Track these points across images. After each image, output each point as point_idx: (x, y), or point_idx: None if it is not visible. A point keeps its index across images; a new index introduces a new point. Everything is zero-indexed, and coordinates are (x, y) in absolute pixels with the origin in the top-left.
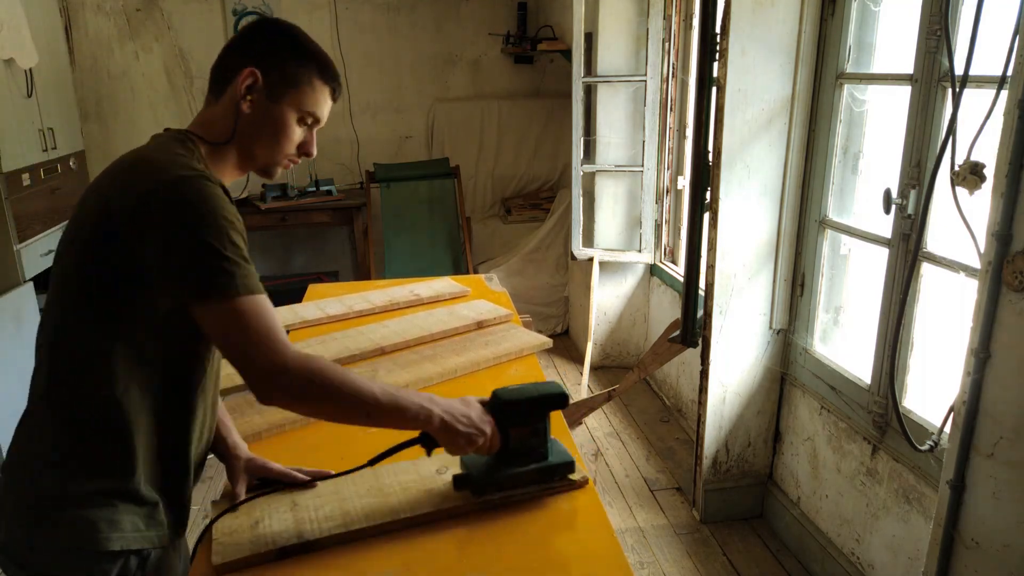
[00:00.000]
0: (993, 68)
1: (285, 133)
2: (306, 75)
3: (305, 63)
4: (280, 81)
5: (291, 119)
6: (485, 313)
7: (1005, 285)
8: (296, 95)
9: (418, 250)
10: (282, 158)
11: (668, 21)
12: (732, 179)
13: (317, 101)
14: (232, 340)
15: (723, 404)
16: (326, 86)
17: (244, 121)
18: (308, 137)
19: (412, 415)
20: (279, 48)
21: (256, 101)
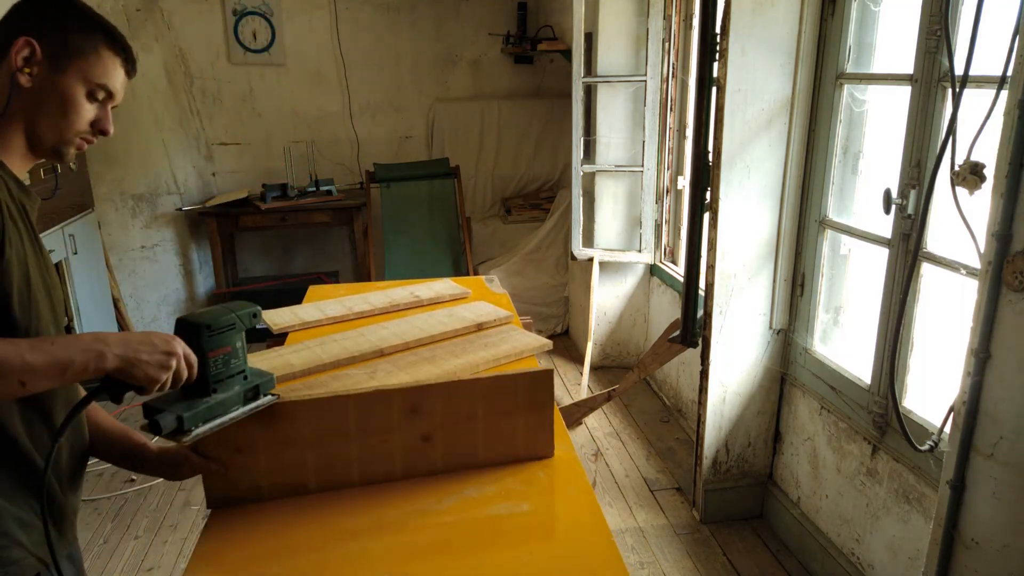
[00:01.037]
0: (993, 68)
1: (72, 106)
2: (91, 44)
3: (90, 31)
4: (62, 51)
5: (78, 91)
6: (485, 315)
7: (1005, 285)
8: (82, 65)
9: (418, 250)
10: (72, 135)
11: (668, 21)
12: (732, 179)
13: (107, 71)
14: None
15: (723, 404)
16: (116, 56)
17: (24, 96)
18: (102, 113)
19: (80, 365)
20: (58, 15)
21: (36, 74)
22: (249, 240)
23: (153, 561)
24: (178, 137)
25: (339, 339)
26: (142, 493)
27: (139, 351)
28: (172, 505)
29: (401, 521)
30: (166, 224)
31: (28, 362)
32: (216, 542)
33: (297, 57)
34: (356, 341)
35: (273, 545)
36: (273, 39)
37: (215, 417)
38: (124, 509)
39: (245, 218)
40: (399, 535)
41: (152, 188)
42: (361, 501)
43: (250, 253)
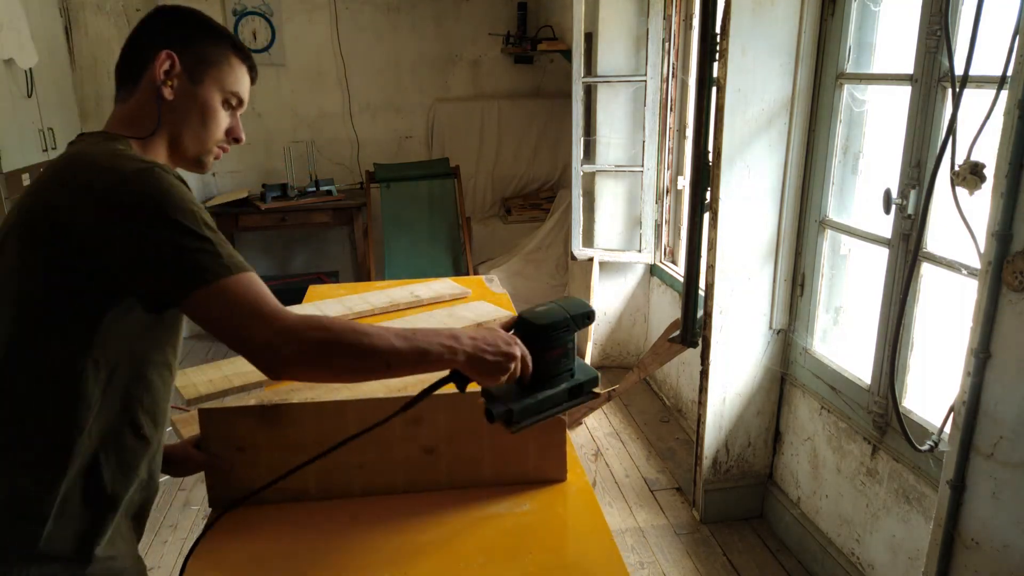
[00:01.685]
0: (993, 68)
1: (212, 116)
2: (222, 53)
3: (219, 41)
4: (198, 61)
5: (216, 100)
6: (485, 314)
7: (1005, 285)
8: (217, 74)
9: (418, 250)
10: (212, 144)
11: (668, 21)
12: (732, 179)
13: (238, 79)
14: (226, 321)
15: (723, 404)
16: (243, 64)
17: (167, 108)
18: (234, 121)
19: (436, 356)
20: (190, 28)
21: (177, 86)
22: (249, 240)
23: (153, 561)
24: None
25: None
26: None
27: (485, 352)
28: (172, 505)
29: (401, 519)
30: None
31: (396, 347)
32: (216, 543)
33: (297, 57)
34: None
35: (273, 546)
36: (273, 39)
37: (542, 411)
38: None
39: (245, 218)
40: (399, 534)
41: None
42: (361, 502)
43: (250, 253)
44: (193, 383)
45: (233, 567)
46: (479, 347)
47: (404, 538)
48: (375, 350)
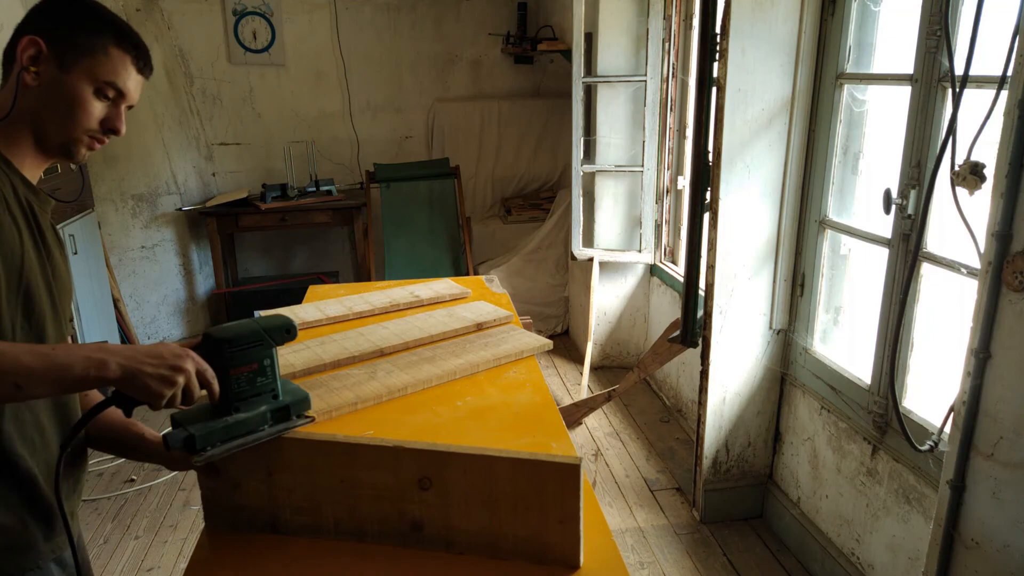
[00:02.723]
0: (993, 68)
1: (79, 105)
2: (100, 43)
3: (98, 30)
4: (70, 50)
5: (85, 90)
6: (485, 315)
7: (1005, 285)
8: (89, 63)
9: (418, 250)
10: (80, 134)
11: (668, 21)
12: (732, 179)
13: (115, 70)
14: None
15: (723, 404)
16: (126, 55)
17: (30, 96)
18: (112, 112)
19: (80, 372)
20: (67, 16)
21: (43, 72)
22: (249, 240)
23: (153, 561)
24: (178, 137)
25: (339, 339)
26: (142, 493)
27: (143, 363)
28: (172, 505)
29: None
30: (166, 224)
31: (25, 364)
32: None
33: (297, 57)
34: (356, 341)
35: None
36: (273, 39)
37: (234, 438)
38: (124, 509)
39: (245, 218)
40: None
41: (152, 188)
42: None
43: (250, 253)
44: None
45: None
46: (137, 359)
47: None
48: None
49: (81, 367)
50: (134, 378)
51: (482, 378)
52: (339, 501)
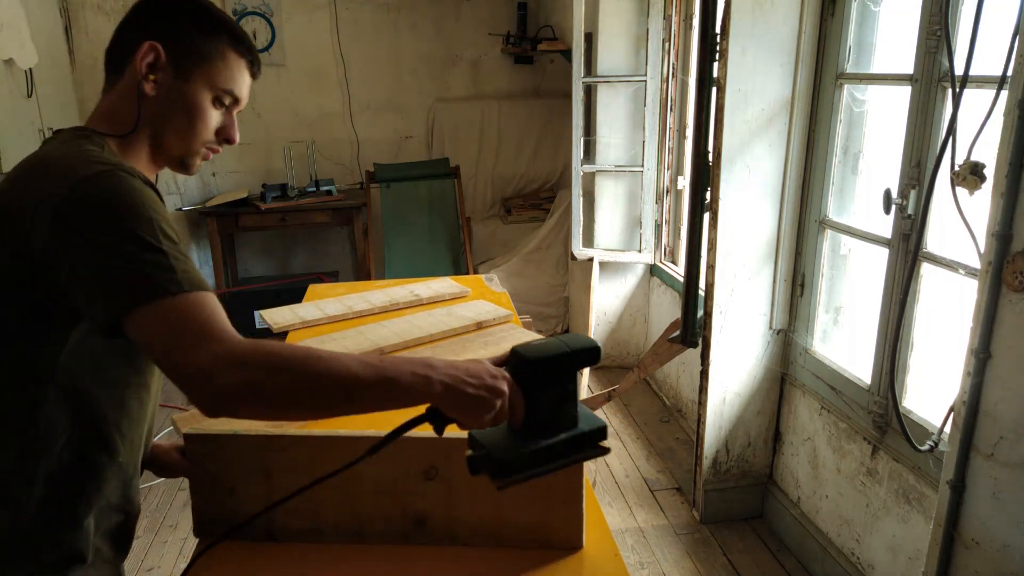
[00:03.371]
0: (993, 68)
1: (200, 115)
2: (217, 47)
3: (215, 34)
4: (187, 55)
5: (205, 99)
6: (485, 314)
7: (1005, 285)
8: (207, 70)
9: (418, 250)
10: (199, 146)
11: (668, 21)
12: (732, 179)
13: (233, 77)
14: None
15: (723, 404)
16: (241, 59)
17: (149, 105)
18: (227, 120)
19: (406, 385)
20: (182, 18)
21: (161, 81)
22: (249, 240)
23: (153, 561)
24: None
25: (339, 338)
26: (142, 493)
27: (466, 384)
28: (172, 505)
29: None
30: None
31: (356, 374)
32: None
33: (297, 57)
34: (356, 340)
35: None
36: (273, 39)
37: (537, 465)
38: None
39: (245, 218)
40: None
41: None
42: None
43: (250, 253)
44: None
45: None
46: (459, 378)
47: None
48: (331, 379)
49: (407, 381)
50: (456, 398)
51: None
52: (340, 500)
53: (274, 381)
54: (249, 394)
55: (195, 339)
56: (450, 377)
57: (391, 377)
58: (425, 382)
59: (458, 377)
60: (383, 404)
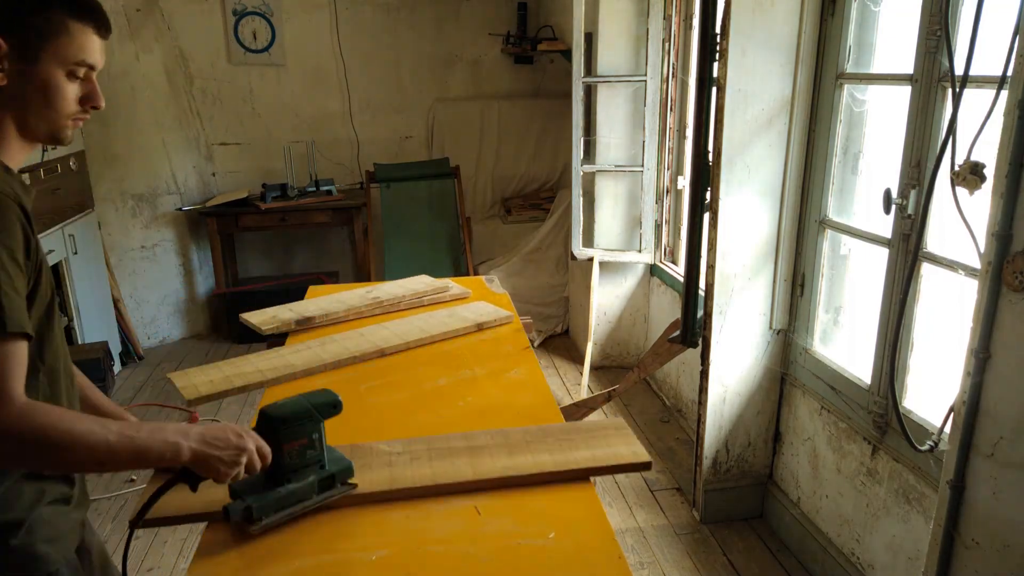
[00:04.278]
0: (993, 68)
1: (55, 92)
2: (57, 22)
3: (47, 9)
4: (27, 39)
5: (57, 75)
6: (485, 315)
7: (1005, 285)
8: (54, 47)
9: (418, 250)
10: (64, 120)
11: (668, 21)
12: (732, 179)
13: (82, 46)
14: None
15: (723, 404)
16: (86, 26)
17: (4, 94)
18: (89, 88)
19: (157, 455)
20: (13, 4)
21: (9, 69)
22: (249, 240)
23: (153, 561)
24: (178, 137)
25: (340, 339)
26: (142, 493)
27: (211, 446)
28: None
29: (401, 518)
30: (166, 224)
31: (111, 445)
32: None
33: (297, 57)
34: (357, 341)
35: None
36: (273, 39)
37: (285, 507)
38: (124, 509)
39: (245, 218)
40: (401, 536)
41: (152, 188)
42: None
43: (250, 253)
44: (194, 383)
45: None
46: (206, 441)
47: (406, 538)
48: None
49: (158, 451)
50: (204, 462)
51: (482, 378)
52: None
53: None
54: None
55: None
56: (197, 443)
57: (143, 447)
58: (175, 450)
59: (206, 441)
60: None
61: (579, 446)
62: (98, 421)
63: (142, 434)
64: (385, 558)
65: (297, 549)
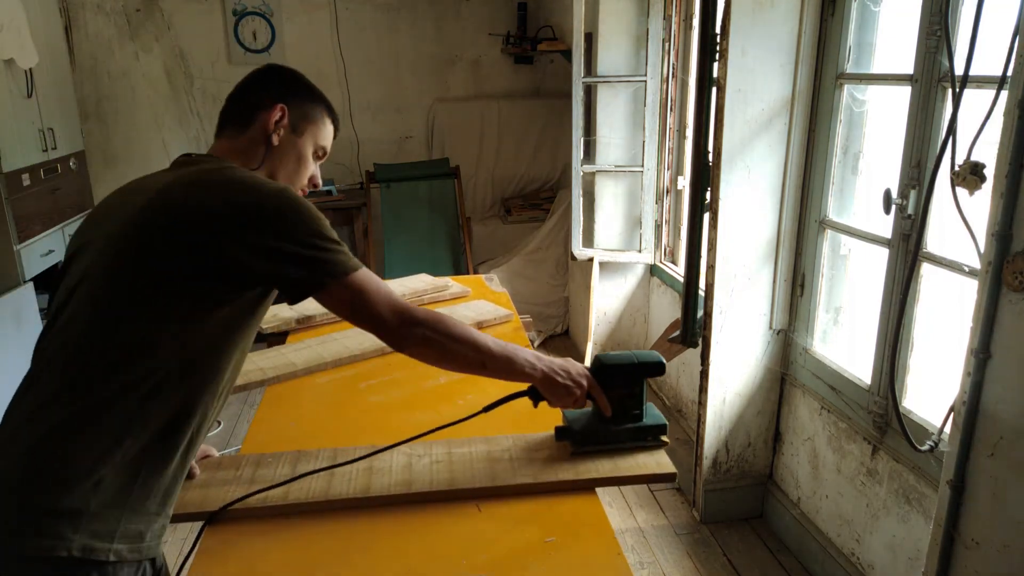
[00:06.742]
0: (993, 68)
1: (304, 163)
2: (319, 112)
3: (318, 102)
4: (301, 117)
5: (308, 151)
6: (485, 313)
7: (1005, 285)
8: (314, 129)
9: (418, 250)
10: (299, 186)
11: (668, 21)
12: (732, 179)
13: (327, 136)
14: (364, 310)
15: (723, 404)
16: (332, 123)
17: (272, 151)
18: (316, 169)
19: (519, 367)
20: (299, 88)
21: (282, 134)
22: None
23: None
24: (178, 137)
25: (340, 338)
26: None
27: (557, 374)
28: None
29: (402, 521)
30: None
31: (492, 350)
32: (218, 545)
33: (297, 57)
34: (357, 340)
35: (276, 547)
36: (273, 39)
37: (604, 442)
38: None
39: None
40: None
41: None
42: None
43: None
44: None
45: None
46: (554, 369)
47: (407, 539)
48: (477, 350)
49: (521, 364)
50: (549, 383)
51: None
52: None
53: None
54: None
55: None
56: (548, 368)
57: (512, 359)
58: (532, 367)
59: (554, 369)
60: (502, 375)
61: (601, 455)
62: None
63: (511, 347)
64: (385, 558)
65: (297, 549)
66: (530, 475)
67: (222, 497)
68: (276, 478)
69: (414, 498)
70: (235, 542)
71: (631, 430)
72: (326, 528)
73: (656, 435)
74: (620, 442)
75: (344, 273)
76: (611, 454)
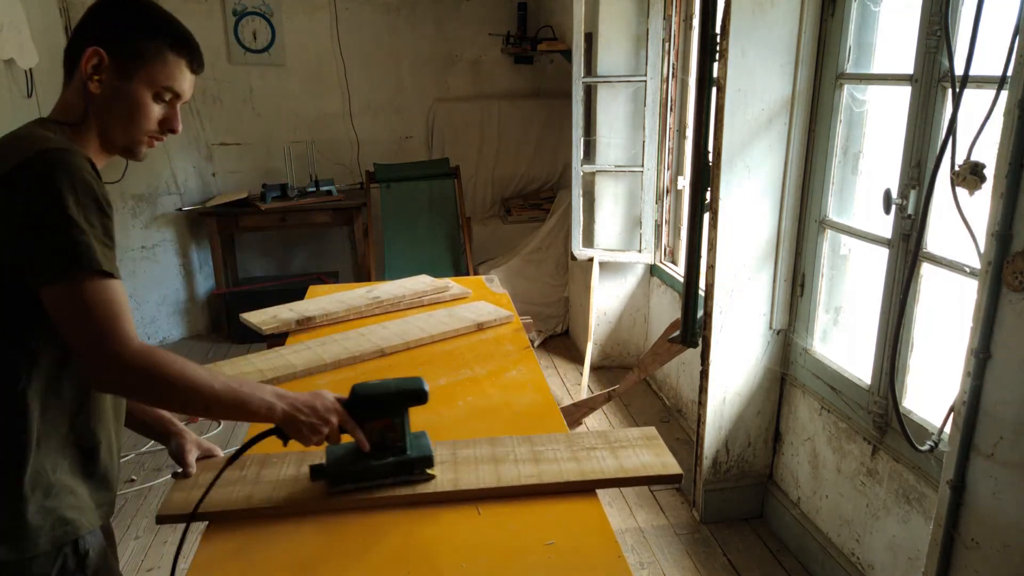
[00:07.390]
0: (993, 68)
1: (140, 111)
2: (156, 49)
3: (154, 37)
4: (129, 58)
5: (145, 96)
6: (485, 315)
7: (1005, 285)
8: (147, 71)
9: (418, 250)
10: (141, 136)
11: (668, 21)
12: (732, 179)
13: (172, 75)
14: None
15: (723, 404)
16: (181, 58)
17: (95, 102)
18: (170, 113)
19: (254, 408)
20: (125, 24)
21: (105, 81)
22: (249, 240)
23: (153, 561)
24: (178, 137)
25: (340, 339)
26: (142, 493)
27: (299, 411)
28: None
29: (402, 522)
30: (166, 224)
31: (217, 392)
32: (217, 546)
33: (297, 57)
34: (357, 341)
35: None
36: (273, 39)
37: (362, 479)
38: (124, 509)
39: (245, 218)
40: (401, 537)
41: (152, 188)
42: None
43: (250, 253)
44: None
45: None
46: (296, 407)
47: (407, 540)
48: (196, 396)
49: (255, 406)
50: (291, 422)
51: (483, 378)
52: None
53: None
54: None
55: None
56: (290, 406)
57: (243, 400)
58: (269, 409)
59: (296, 407)
60: (235, 417)
61: (606, 455)
62: (207, 370)
63: (244, 388)
64: (386, 558)
65: (297, 548)
66: (535, 476)
67: (227, 498)
68: (281, 479)
69: (415, 499)
70: (235, 542)
71: (393, 464)
72: (326, 528)
73: (422, 468)
74: (381, 477)
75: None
76: (614, 452)
